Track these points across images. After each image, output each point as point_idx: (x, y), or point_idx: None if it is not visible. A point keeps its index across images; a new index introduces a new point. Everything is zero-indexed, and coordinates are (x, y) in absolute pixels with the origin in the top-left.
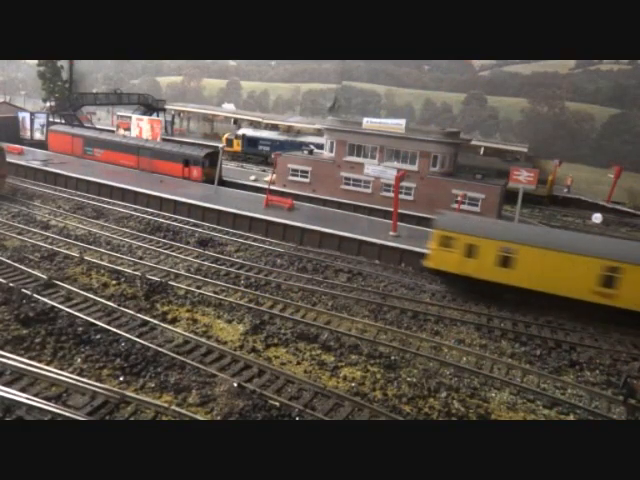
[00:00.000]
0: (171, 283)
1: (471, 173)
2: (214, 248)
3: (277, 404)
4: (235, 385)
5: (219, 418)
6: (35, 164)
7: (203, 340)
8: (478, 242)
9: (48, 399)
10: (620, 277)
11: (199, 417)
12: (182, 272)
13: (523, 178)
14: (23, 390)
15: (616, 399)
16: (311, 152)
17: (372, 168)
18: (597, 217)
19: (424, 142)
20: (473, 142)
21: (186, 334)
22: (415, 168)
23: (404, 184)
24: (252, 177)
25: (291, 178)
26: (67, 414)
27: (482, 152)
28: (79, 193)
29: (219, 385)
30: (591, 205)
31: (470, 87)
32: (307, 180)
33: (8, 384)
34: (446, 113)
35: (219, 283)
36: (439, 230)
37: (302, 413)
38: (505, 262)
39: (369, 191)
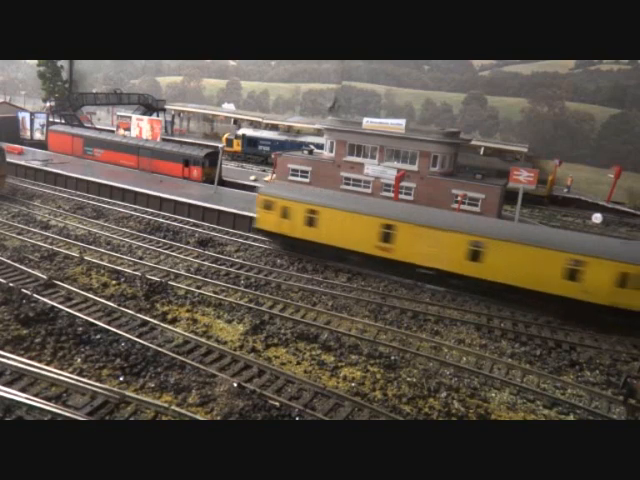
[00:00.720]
0: (171, 283)
1: (471, 173)
2: (214, 248)
3: (277, 404)
4: (235, 385)
5: (219, 418)
6: (35, 164)
7: (203, 340)
8: (290, 205)
9: (48, 399)
10: (394, 233)
11: (199, 417)
12: (182, 272)
13: (523, 178)
14: (23, 390)
15: (616, 399)
16: (311, 152)
17: (372, 168)
18: (597, 217)
19: (424, 142)
20: (473, 142)
21: (186, 334)
22: (415, 168)
23: (404, 184)
24: (252, 177)
25: (291, 178)
26: (67, 414)
27: (482, 152)
28: (79, 193)
29: (219, 385)
30: (591, 205)
31: (470, 87)
32: (307, 180)
33: (8, 384)
34: (446, 113)
35: (219, 283)
36: (261, 195)
37: (302, 413)
38: (311, 222)
39: (369, 191)
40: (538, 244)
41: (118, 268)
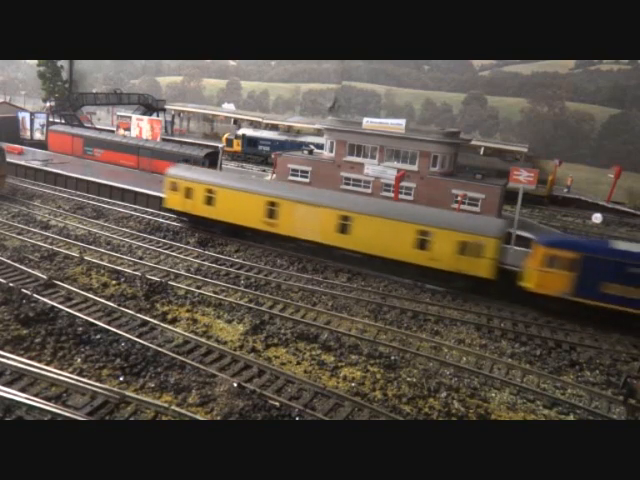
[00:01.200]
0: (171, 283)
1: (471, 173)
2: (214, 248)
3: (277, 404)
4: (235, 385)
5: (219, 418)
6: (35, 164)
7: (203, 340)
8: (192, 185)
9: (48, 399)
10: (277, 210)
11: (199, 417)
12: (182, 272)
13: (523, 178)
14: (23, 390)
15: (616, 399)
16: (311, 152)
17: (372, 168)
18: (597, 217)
19: (424, 142)
20: (473, 142)
21: (186, 334)
22: (415, 168)
23: (404, 184)
24: (252, 177)
25: (291, 178)
26: (67, 414)
27: (482, 152)
28: (79, 193)
29: (219, 385)
30: (591, 205)
31: (470, 87)
32: (307, 180)
33: (8, 384)
34: (446, 113)
35: (219, 283)
36: (168, 177)
37: (302, 413)
38: (209, 201)
39: (369, 191)
40: (393, 217)
41: (118, 268)
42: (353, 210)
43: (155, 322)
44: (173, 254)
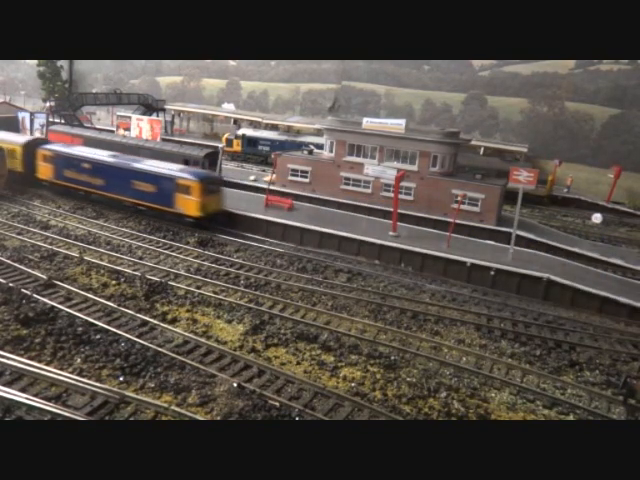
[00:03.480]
0: (171, 283)
1: (471, 173)
2: (214, 248)
3: (277, 404)
4: (235, 385)
5: (219, 418)
6: None
7: (203, 340)
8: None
9: (48, 399)
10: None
11: (199, 417)
12: (182, 272)
13: (523, 178)
14: (23, 390)
15: (616, 399)
16: (311, 152)
17: (372, 168)
18: (597, 217)
19: (424, 142)
20: (473, 142)
21: (186, 334)
22: (415, 168)
23: (404, 184)
24: (252, 177)
25: (291, 178)
26: (67, 414)
27: (482, 152)
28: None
29: (219, 385)
30: (591, 205)
31: (470, 87)
32: (307, 180)
33: (8, 384)
34: (446, 113)
35: (219, 283)
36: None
37: (302, 413)
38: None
39: (369, 191)
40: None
41: (118, 268)
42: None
43: (155, 322)
44: (173, 254)
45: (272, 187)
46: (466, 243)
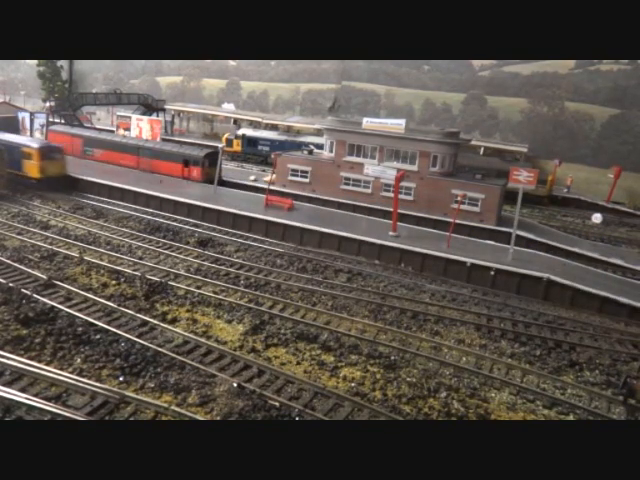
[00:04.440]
0: (171, 283)
1: (471, 173)
2: (214, 248)
3: (277, 404)
4: (235, 385)
5: (219, 418)
6: None
7: (203, 340)
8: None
9: (48, 399)
10: None
11: (199, 417)
12: (182, 272)
13: (523, 178)
14: (23, 390)
15: (616, 399)
16: (311, 152)
17: (372, 168)
18: (597, 217)
19: (424, 142)
20: (473, 142)
21: (186, 334)
22: (415, 168)
23: (404, 184)
24: (252, 177)
25: (291, 178)
26: (67, 414)
27: (482, 152)
28: (78, 193)
29: (219, 385)
30: (591, 205)
31: (470, 87)
32: (307, 180)
33: (8, 384)
34: (446, 113)
35: (219, 283)
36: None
37: (302, 413)
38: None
39: (369, 191)
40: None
41: (118, 268)
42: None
43: (155, 322)
44: (173, 254)
45: (272, 187)
46: (466, 243)
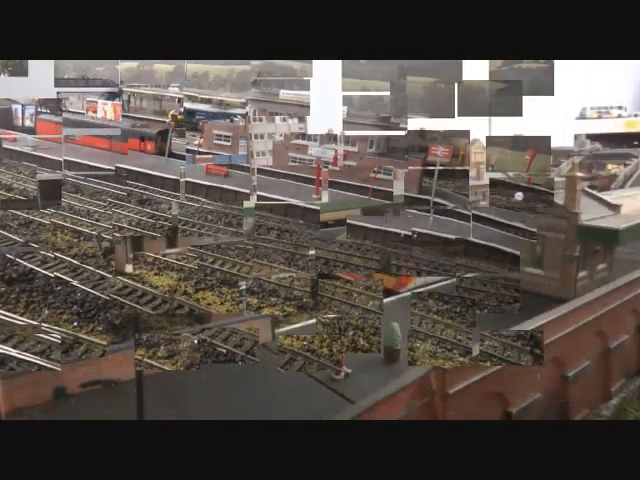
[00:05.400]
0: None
1: (402, 153)
2: (150, 206)
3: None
4: (196, 342)
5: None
6: (26, 149)
7: (139, 285)
8: None
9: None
10: None
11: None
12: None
13: (440, 152)
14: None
15: (525, 349)
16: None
17: (315, 149)
18: (519, 195)
19: (358, 125)
20: (401, 125)
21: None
22: (355, 149)
23: (346, 162)
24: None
25: (215, 142)
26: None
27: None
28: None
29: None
30: (513, 186)
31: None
32: (229, 144)
33: None
34: (380, 101)
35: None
36: None
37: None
38: None
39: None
40: None
41: (79, 229)
42: None
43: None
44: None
45: (201, 149)
46: None
